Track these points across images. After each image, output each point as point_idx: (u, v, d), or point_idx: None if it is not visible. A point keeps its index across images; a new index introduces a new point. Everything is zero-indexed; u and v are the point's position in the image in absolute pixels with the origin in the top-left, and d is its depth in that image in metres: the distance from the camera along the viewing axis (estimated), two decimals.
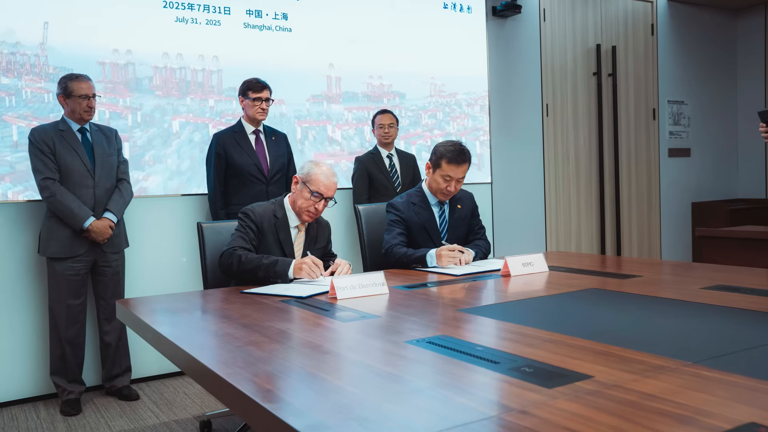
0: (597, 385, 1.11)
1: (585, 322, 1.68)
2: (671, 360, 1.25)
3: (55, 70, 3.44)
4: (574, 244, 5.59)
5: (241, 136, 3.60)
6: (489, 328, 1.65)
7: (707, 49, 6.52)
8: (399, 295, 2.09)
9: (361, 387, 1.19)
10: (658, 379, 1.14)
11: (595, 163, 5.69)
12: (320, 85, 4.26)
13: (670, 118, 6.26)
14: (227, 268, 2.41)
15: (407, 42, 4.60)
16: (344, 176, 4.25)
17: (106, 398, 3.38)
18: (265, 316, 1.82)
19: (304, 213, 2.51)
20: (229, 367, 1.31)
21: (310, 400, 1.11)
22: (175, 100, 3.78)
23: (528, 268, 2.48)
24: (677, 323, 1.62)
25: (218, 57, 3.90)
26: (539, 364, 1.25)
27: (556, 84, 5.44)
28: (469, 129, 4.90)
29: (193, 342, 1.60)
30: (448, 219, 2.92)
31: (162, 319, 1.93)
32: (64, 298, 3.17)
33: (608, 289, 2.11)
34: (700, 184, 6.51)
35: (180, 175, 3.78)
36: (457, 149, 2.77)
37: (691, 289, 2.02)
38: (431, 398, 1.10)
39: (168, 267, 3.72)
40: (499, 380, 1.18)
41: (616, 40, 5.76)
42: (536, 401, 1.05)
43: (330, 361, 1.36)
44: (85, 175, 3.16)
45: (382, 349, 1.46)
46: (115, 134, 3.35)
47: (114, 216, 3.22)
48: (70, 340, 3.21)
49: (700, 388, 1.09)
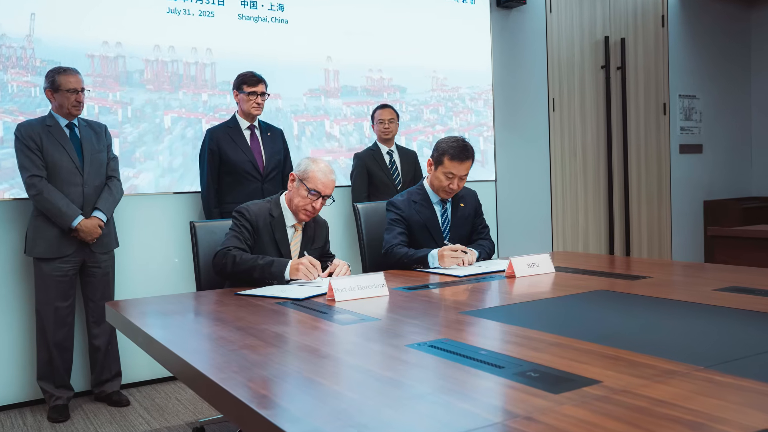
0: (605, 391, 1.11)
1: (593, 325, 1.68)
2: (682, 364, 1.25)
3: (42, 63, 3.44)
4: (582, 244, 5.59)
5: (236, 132, 3.60)
6: (493, 332, 1.66)
7: (720, 41, 6.52)
8: (399, 297, 2.09)
9: (360, 392, 1.19)
10: (669, 385, 1.14)
11: (603, 160, 5.69)
12: (318, 78, 4.26)
13: (681, 113, 6.26)
14: (221, 269, 2.41)
15: (408, 34, 4.60)
16: (343, 173, 4.25)
17: (95, 404, 3.38)
18: (260, 318, 1.82)
19: (301, 212, 2.51)
20: (223, 371, 1.31)
21: (307, 406, 1.11)
22: (167, 95, 3.78)
23: (533, 269, 2.48)
24: (688, 326, 1.62)
25: (212, 50, 3.90)
26: (545, 369, 1.25)
27: (562, 78, 5.44)
28: (472, 124, 4.90)
29: (186, 346, 1.60)
30: (451, 218, 2.92)
31: (153, 321, 1.93)
32: (51, 300, 3.17)
33: (617, 290, 2.11)
34: (713, 182, 6.51)
35: (172, 172, 3.78)
36: (460, 145, 2.77)
37: (702, 291, 2.02)
38: (433, 404, 1.10)
39: (159, 268, 3.72)
40: (504, 385, 1.18)
41: (625, 32, 5.76)
42: (542, 407, 1.05)
43: (328, 366, 1.36)
44: (74, 173, 3.16)
45: (381, 353, 1.46)
46: (104, 130, 3.35)
47: (103, 215, 3.22)
48: (57, 343, 3.21)
49: (713, 394, 1.09)
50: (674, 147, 6.19)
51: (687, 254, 6.28)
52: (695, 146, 6.38)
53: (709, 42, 6.42)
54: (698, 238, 6.39)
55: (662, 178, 6.06)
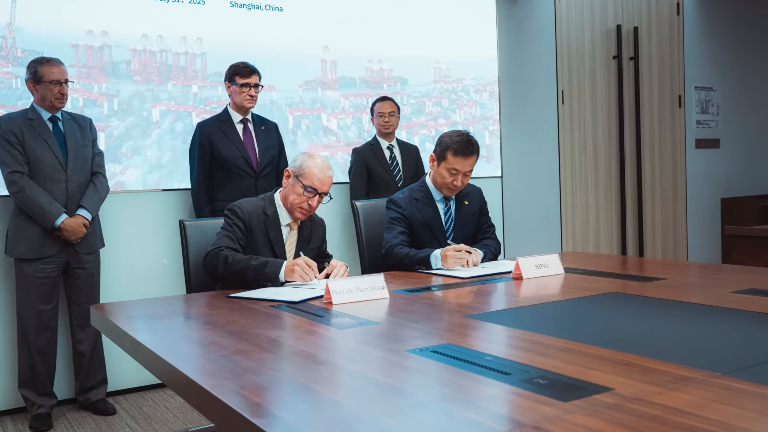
0: (617, 399, 1.12)
1: (604, 329, 1.68)
2: (698, 371, 1.25)
3: (24, 54, 3.44)
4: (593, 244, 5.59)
5: (228, 126, 3.60)
6: (499, 336, 1.66)
7: (738, 30, 6.51)
8: (400, 300, 2.09)
9: (358, 400, 1.19)
10: (684, 392, 1.14)
11: (615, 155, 5.69)
12: (314, 69, 4.26)
13: (697, 105, 6.25)
14: (212, 270, 2.41)
15: (409, 22, 4.60)
16: (340, 169, 4.25)
17: (79, 412, 3.38)
18: (253, 322, 1.83)
19: (297, 210, 2.51)
20: (214, 378, 1.31)
21: (303, 415, 1.11)
22: (156, 87, 3.78)
23: (542, 270, 2.48)
24: (705, 330, 1.62)
25: (202, 39, 3.90)
26: (554, 376, 1.25)
27: (572, 69, 5.44)
28: (477, 118, 4.90)
29: (175, 351, 1.61)
30: (455, 216, 2.92)
31: (141, 325, 1.93)
32: (33, 302, 3.17)
33: (629, 293, 2.11)
34: (730, 178, 6.51)
35: (160, 168, 3.78)
36: (464, 140, 2.77)
37: (720, 293, 2.02)
38: (435, 412, 1.10)
39: (147, 269, 3.73)
40: (510, 393, 1.18)
41: (638, 21, 5.76)
42: (551, 416, 1.05)
43: (325, 372, 1.36)
44: (57, 169, 3.16)
45: (381, 359, 1.46)
46: (89, 123, 3.35)
47: (88, 213, 3.22)
48: (40, 348, 3.21)
49: (730, 402, 1.09)
50: (690, 142, 6.19)
51: (703, 254, 6.28)
52: (712, 141, 6.37)
53: (726, 30, 6.42)
54: (715, 238, 6.39)
55: (677, 175, 6.06)
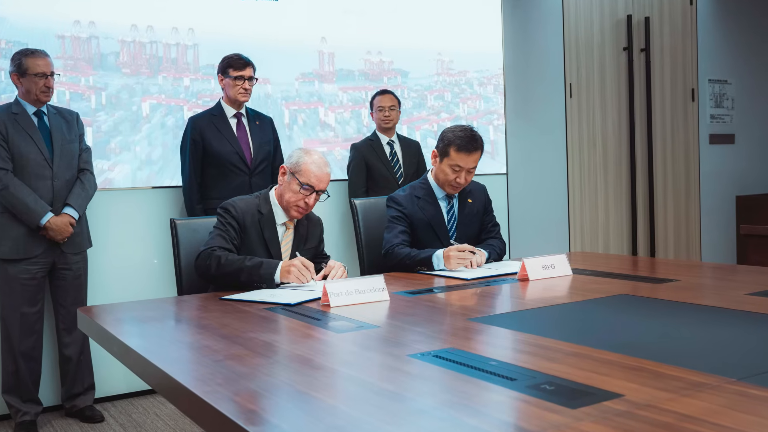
0: (627, 405, 1.12)
1: (613, 332, 1.68)
2: (712, 376, 1.25)
3: (8, 45, 3.44)
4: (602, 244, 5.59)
5: (221, 121, 3.60)
6: (504, 340, 1.66)
7: (754, 20, 6.51)
8: (401, 302, 2.09)
9: (357, 407, 1.19)
10: (697, 398, 1.14)
11: (625, 151, 5.69)
12: (311, 61, 4.26)
13: (711, 99, 6.25)
14: (204, 271, 2.41)
15: (410, 12, 4.59)
16: (338, 166, 4.25)
17: (65, 420, 3.39)
18: (248, 326, 1.83)
19: (293, 208, 2.51)
20: (206, 384, 1.32)
21: (299, 422, 1.11)
22: (145, 79, 3.78)
23: (549, 272, 2.48)
24: (719, 334, 1.62)
25: (194, 30, 3.90)
26: (561, 381, 1.25)
27: (581, 61, 5.44)
28: (481, 112, 4.90)
29: (166, 356, 1.61)
30: (458, 215, 2.92)
31: (130, 329, 1.93)
32: (18, 305, 3.17)
33: (640, 295, 2.11)
34: (746, 175, 6.51)
35: (151, 164, 3.78)
36: (468, 135, 2.77)
37: (734, 295, 2.02)
38: (438, 419, 1.10)
39: (137, 270, 3.73)
40: (516, 399, 1.18)
41: (649, 10, 5.76)
42: (558, 423, 1.05)
43: (322, 378, 1.36)
44: (42, 165, 3.17)
45: (381, 364, 1.46)
46: (76, 118, 3.35)
47: (75, 211, 3.22)
48: (24, 353, 3.21)
49: (746, 409, 1.09)
50: (703, 137, 6.18)
51: (717, 255, 6.28)
52: (727, 136, 6.37)
53: (742, 21, 6.41)
54: (730, 237, 6.40)
55: (690, 171, 6.05)
